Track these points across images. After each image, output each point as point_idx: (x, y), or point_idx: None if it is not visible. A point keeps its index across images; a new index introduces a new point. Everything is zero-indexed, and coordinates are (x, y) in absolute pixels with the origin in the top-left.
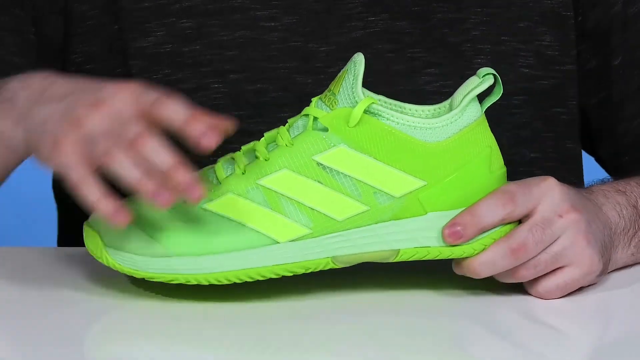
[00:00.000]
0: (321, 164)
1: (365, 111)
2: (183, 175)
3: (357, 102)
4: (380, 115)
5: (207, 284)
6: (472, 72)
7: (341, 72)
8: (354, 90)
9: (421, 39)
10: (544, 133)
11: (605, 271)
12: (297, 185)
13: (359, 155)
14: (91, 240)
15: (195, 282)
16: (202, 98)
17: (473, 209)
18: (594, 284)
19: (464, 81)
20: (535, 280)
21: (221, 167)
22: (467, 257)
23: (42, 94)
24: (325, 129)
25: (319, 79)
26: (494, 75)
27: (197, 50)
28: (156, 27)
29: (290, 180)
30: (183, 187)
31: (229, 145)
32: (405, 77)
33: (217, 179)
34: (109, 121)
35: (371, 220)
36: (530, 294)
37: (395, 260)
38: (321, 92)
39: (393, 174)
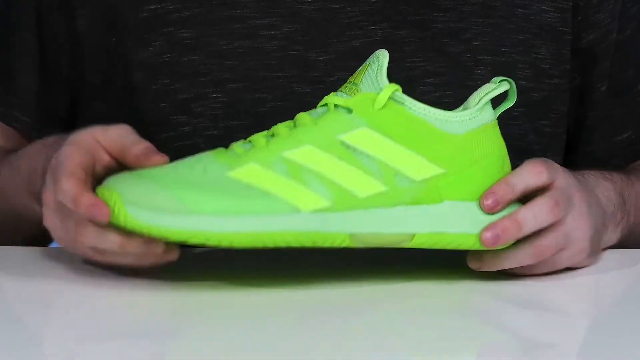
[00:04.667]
0: (344, 143)
1: (389, 97)
2: (86, 199)
3: (381, 89)
4: (403, 104)
5: (226, 245)
6: (473, 83)
7: (362, 66)
8: (378, 77)
9: (421, 49)
10: (534, 145)
11: (593, 253)
12: (320, 160)
13: (382, 138)
14: (107, 198)
15: (214, 242)
16: (200, 108)
17: (506, 179)
18: (584, 266)
19: (464, 91)
20: None
21: (240, 145)
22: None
23: None
24: (349, 111)
25: (318, 88)
26: (509, 81)
27: (196, 60)
28: (155, 37)
29: (313, 155)
30: (89, 209)
31: None
32: (405, 87)
33: (237, 154)
34: None
35: (390, 202)
36: (517, 275)
37: (409, 246)
38: (320, 101)
39: (415, 159)
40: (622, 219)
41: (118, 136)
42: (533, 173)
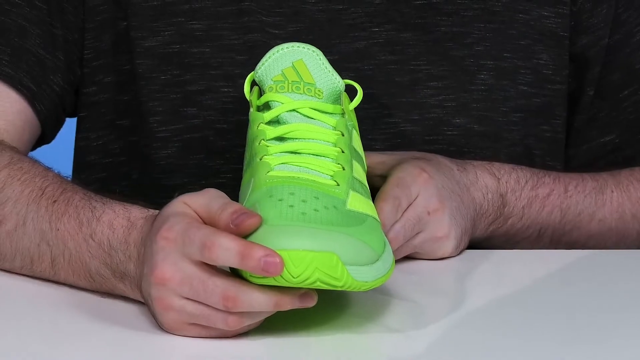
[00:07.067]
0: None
1: None
2: (257, 252)
3: (339, 82)
4: None
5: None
6: (475, 87)
7: (291, 65)
8: (332, 73)
9: (424, 52)
10: (533, 150)
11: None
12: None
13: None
14: (320, 262)
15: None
16: (210, 101)
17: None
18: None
19: (466, 96)
20: None
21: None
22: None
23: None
24: (343, 115)
25: None
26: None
27: (207, 53)
28: (164, 26)
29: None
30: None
31: (237, 149)
32: (408, 89)
33: (327, 185)
34: None
35: None
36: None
37: None
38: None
39: None
40: (497, 219)
41: (205, 203)
42: (395, 210)
